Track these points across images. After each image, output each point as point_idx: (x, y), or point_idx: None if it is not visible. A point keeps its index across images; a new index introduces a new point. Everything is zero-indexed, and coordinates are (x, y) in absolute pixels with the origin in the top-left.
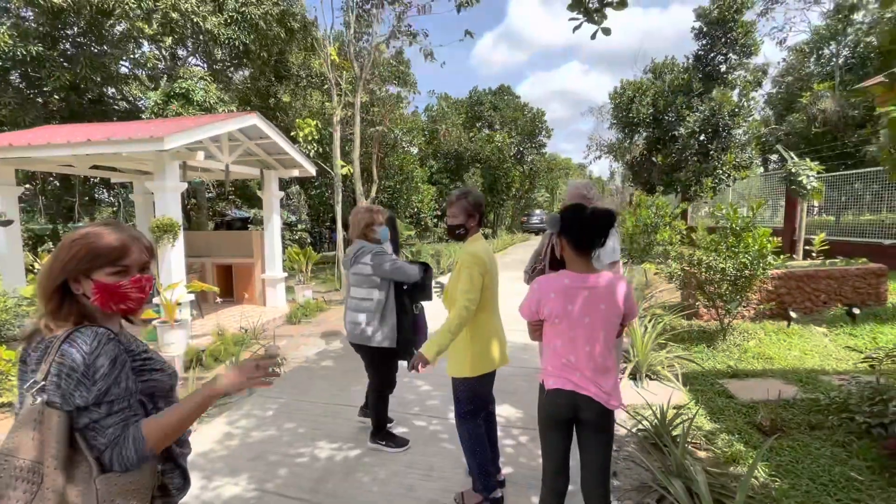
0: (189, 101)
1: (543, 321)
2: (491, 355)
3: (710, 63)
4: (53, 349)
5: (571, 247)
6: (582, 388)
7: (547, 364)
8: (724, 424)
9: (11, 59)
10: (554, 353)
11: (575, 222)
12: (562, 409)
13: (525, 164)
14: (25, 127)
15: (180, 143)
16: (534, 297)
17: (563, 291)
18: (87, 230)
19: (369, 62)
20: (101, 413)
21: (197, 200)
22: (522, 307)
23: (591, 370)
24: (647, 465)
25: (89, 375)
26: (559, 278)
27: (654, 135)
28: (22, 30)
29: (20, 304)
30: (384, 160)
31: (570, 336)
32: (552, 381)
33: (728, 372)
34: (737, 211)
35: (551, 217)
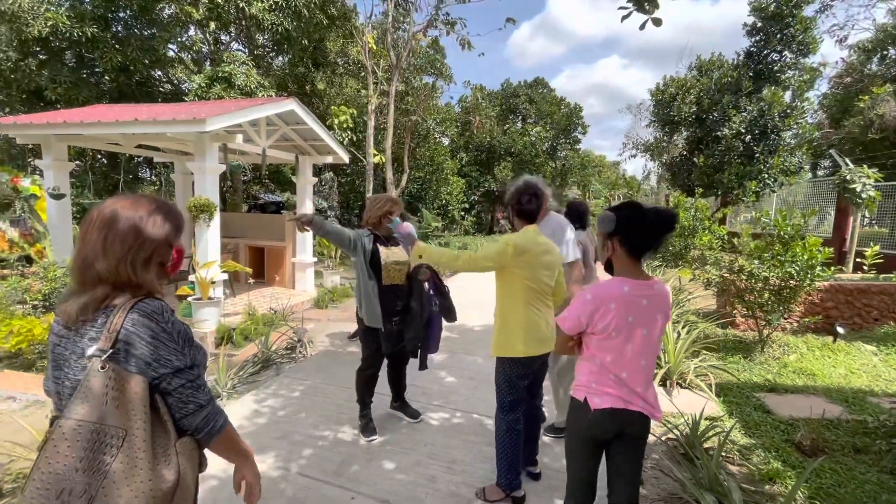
0: (230, 84)
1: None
2: (513, 342)
3: (763, 61)
4: (119, 317)
5: (626, 250)
6: (632, 404)
7: (590, 380)
8: (761, 440)
9: (68, 39)
10: (601, 368)
11: (633, 222)
12: (609, 429)
13: (558, 159)
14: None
15: (221, 126)
16: (586, 307)
17: (624, 301)
18: (154, 202)
19: (406, 51)
20: (194, 374)
21: (233, 183)
22: (566, 318)
23: (643, 385)
24: (676, 475)
25: (174, 338)
26: (617, 286)
27: (696, 134)
28: (78, 11)
29: (67, 274)
30: (415, 150)
31: (624, 350)
32: (599, 400)
33: (766, 385)
34: (785, 218)
35: (604, 216)
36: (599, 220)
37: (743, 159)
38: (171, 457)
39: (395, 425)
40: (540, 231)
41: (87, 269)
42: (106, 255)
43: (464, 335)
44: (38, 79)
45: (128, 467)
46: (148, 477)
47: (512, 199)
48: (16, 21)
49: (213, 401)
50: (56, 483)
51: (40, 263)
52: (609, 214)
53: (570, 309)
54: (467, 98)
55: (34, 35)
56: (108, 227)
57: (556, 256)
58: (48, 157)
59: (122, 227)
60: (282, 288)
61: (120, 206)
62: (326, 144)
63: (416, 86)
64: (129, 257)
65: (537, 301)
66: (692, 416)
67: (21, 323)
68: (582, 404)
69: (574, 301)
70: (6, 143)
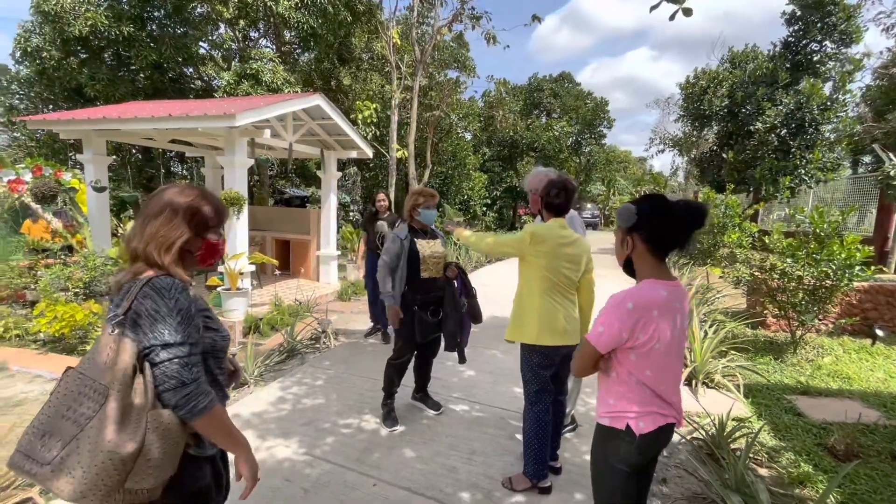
0: (258, 81)
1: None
2: (526, 329)
3: (801, 51)
4: (136, 288)
5: (649, 247)
6: (669, 416)
7: (629, 404)
8: (791, 443)
9: (106, 38)
10: (640, 386)
11: (658, 216)
12: (654, 450)
13: (582, 155)
14: (115, 102)
15: (250, 121)
16: (627, 318)
17: (666, 307)
18: (198, 194)
19: (430, 45)
20: (185, 351)
21: (260, 177)
22: (603, 334)
23: (677, 393)
24: (701, 475)
25: (173, 314)
26: (656, 290)
27: (727, 129)
28: (116, 11)
29: (106, 263)
30: (438, 145)
31: (663, 362)
32: (644, 424)
33: (797, 388)
34: (822, 214)
35: (623, 208)
36: (618, 214)
37: (777, 154)
38: (139, 427)
39: (416, 416)
40: (566, 225)
41: (128, 245)
42: (140, 235)
43: (484, 330)
44: (79, 76)
45: (98, 426)
46: (108, 438)
47: (542, 190)
48: (58, 21)
49: (199, 381)
50: (45, 424)
51: (81, 253)
52: (629, 207)
53: (605, 322)
54: (491, 93)
55: (75, 34)
56: (146, 210)
57: (582, 250)
58: (89, 152)
59: (156, 212)
60: (306, 280)
61: (163, 193)
62: (351, 139)
63: (439, 80)
64: (155, 240)
65: (556, 292)
66: (718, 417)
67: (64, 309)
68: (622, 432)
69: (609, 312)
70: (50, 139)
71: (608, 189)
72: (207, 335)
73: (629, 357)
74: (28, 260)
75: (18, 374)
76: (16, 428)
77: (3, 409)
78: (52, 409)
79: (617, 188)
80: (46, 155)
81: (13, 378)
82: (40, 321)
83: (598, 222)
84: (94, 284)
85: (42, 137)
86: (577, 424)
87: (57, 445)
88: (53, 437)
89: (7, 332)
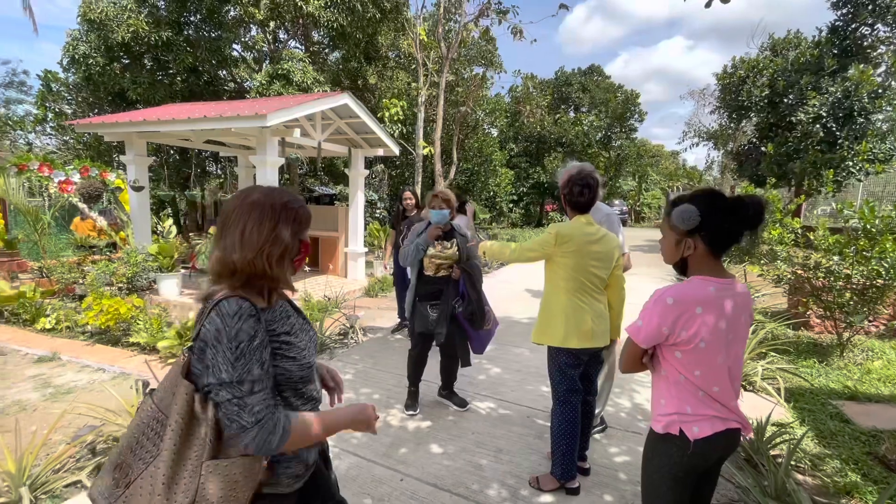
0: (289, 81)
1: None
2: (553, 331)
3: (850, 36)
4: (206, 311)
5: (710, 248)
6: (729, 421)
7: (681, 406)
8: (837, 451)
9: (146, 44)
10: (692, 388)
11: (724, 217)
12: (711, 457)
13: (612, 149)
14: (154, 105)
15: (280, 120)
16: (667, 313)
17: (713, 304)
18: (288, 195)
19: (457, 42)
20: (244, 391)
21: (290, 176)
22: (642, 329)
23: (735, 398)
24: (738, 481)
25: (232, 347)
26: (702, 286)
27: (768, 120)
28: (155, 18)
29: (147, 259)
30: (464, 142)
31: (714, 362)
32: (699, 428)
33: (844, 393)
34: (873, 209)
35: (684, 210)
36: (677, 216)
37: (822, 146)
38: (194, 476)
39: (442, 412)
40: (592, 221)
41: (225, 262)
42: (240, 246)
43: (510, 327)
44: (122, 81)
45: (153, 471)
46: (158, 493)
47: (564, 188)
48: (103, 29)
49: (263, 423)
50: (118, 455)
51: (124, 249)
52: (690, 209)
53: (645, 316)
54: (518, 88)
55: (118, 41)
56: (246, 218)
57: (611, 247)
58: (131, 153)
59: (257, 217)
60: (335, 276)
61: (254, 196)
62: (378, 137)
63: (465, 77)
64: (264, 249)
65: (583, 293)
66: (758, 421)
67: (109, 303)
68: (676, 437)
69: (650, 307)
70: (96, 141)
71: (639, 184)
72: (282, 365)
73: (675, 355)
74: (77, 256)
75: (69, 364)
76: (66, 414)
77: (56, 395)
78: (125, 439)
79: (649, 183)
80: (92, 157)
81: (64, 367)
82: (88, 314)
83: (627, 218)
84: (135, 279)
85: (89, 140)
86: (606, 425)
87: (123, 481)
88: (122, 471)
89: (59, 324)
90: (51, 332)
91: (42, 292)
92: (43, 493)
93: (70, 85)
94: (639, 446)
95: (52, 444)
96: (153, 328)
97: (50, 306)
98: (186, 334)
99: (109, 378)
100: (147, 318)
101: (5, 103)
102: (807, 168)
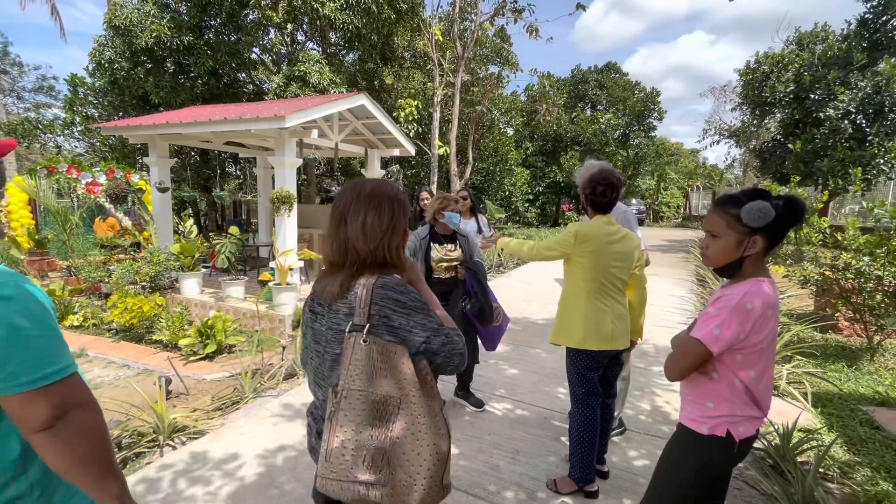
0: (306, 83)
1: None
2: (571, 332)
3: (881, 28)
4: (368, 293)
5: (769, 243)
6: (762, 420)
7: (732, 408)
8: (867, 458)
9: (169, 48)
10: (743, 389)
11: (789, 217)
12: (745, 456)
13: (630, 147)
14: (176, 108)
15: (298, 122)
16: (747, 320)
17: (776, 306)
18: (395, 187)
19: (472, 41)
20: (445, 331)
21: (308, 176)
22: (721, 336)
23: (770, 398)
24: (763, 488)
25: (422, 307)
26: (771, 288)
27: (793, 116)
28: (177, 22)
29: (169, 258)
30: (479, 141)
31: (766, 362)
32: (744, 429)
33: (875, 398)
34: None
35: (758, 207)
36: (750, 213)
37: (851, 143)
38: (441, 422)
39: (458, 413)
40: (613, 220)
41: (348, 250)
42: (363, 235)
43: (527, 328)
44: (145, 85)
45: (410, 433)
46: (431, 441)
47: (586, 188)
48: (128, 34)
49: (464, 344)
50: (357, 448)
51: (147, 249)
52: (765, 206)
53: (724, 321)
54: (534, 86)
55: (142, 46)
56: (366, 210)
57: (632, 247)
58: (154, 155)
59: (377, 208)
60: None
61: (374, 190)
62: (394, 137)
63: (481, 76)
64: (388, 239)
65: (604, 294)
66: (784, 426)
67: (133, 301)
68: (721, 439)
69: (728, 311)
70: (120, 144)
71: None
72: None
73: (735, 358)
74: (103, 255)
75: (96, 360)
76: None
77: None
78: (348, 433)
79: (668, 182)
80: (118, 159)
81: (91, 363)
82: (113, 312)
83: (645, 217)
84: (158, 278)
85: (114, 143)
86: (625, 428)
87: (383, 465)
88: (375, 458)
89: (86, 322)
90: (78, 329)
91: (70, 290)
92: None
93: (96, 89)
94: (659, 450)
95: None
96: (175, 326)
97: (78, 304)
98: (207, 332)
99: (134, 374)
100: (169, 316)
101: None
102: (835, 166)
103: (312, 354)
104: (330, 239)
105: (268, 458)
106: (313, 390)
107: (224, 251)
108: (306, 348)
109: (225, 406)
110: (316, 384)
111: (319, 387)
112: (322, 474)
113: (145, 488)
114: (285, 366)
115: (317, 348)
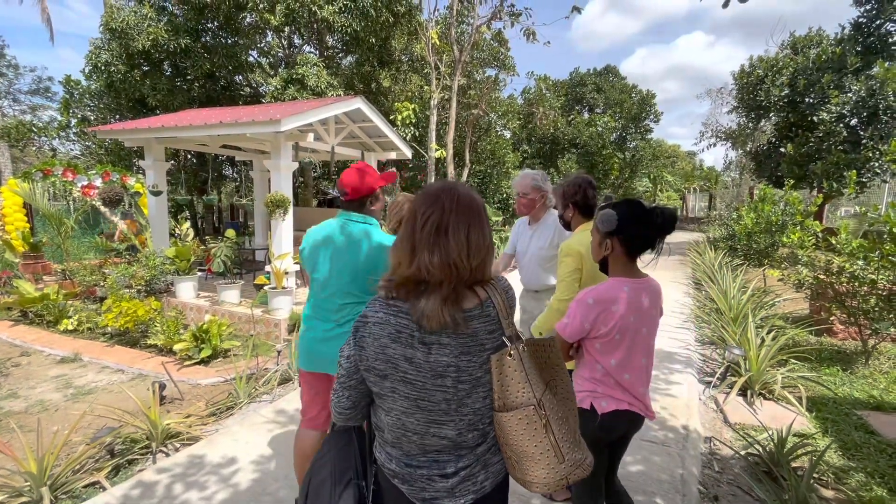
0: (303, 86)
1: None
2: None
3: (874, 32)
4: (503, 300)
5: (625, 250)
6: (636, 406)
7: (594, 386)
8: (862, 463)
9: (165, 51)
10: (604, 373)
11: (636, 223)
12: (618, 430)
13: (627, 150)
14: (173, 111)
15: (294, 125)
16: (588, 312)
17: (627, 301)
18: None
19: (469, 44)
20: None
21: (304, 179)
22: (567, 325)
23: (644, 385)
24: (757, 494)
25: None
26: (618, 287)
27: (788, 120)
28: (174, 25)
29: (164, 262)
30: (476, 144)
31: (628, 352)
32: (606, 403)
33: (870, 402)
34: None
35: (605, 214)
36: (599, 219)
37: (845, 146)
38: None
39: None
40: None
41: (450, 266)
42: (471, 253)
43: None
44: (142, 88)
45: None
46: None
47: (576, 193)
48: (124, 37)
49: None
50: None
51: (143, 252)
52: (610, 213)
53: (570, 315)
54: (531, 89)
55: (138, 49)
56: (469, 222)
57: None
58: (149, 158)
59: (482, 223)
60: None
61: (470, 201)
62: (390, 140)
63: (478, 79)
64: (489, 257)
65: None
66: (777, 431)
67: (128, 305)
68: (588, 411)
69: (574, 306)
70: (116, 147)
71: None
72: None
73: (595, 346)
74: (98, 259)
75: (90, 365)
76: (86, 415)
77: (77, 396)
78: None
79: (665, 184)
80: (114, 162)
81: (85, 368)
82: (108, 316)
83: None
84: (153, 282)
85: (110, 146)
86: None
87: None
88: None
89: (81, 326)
90: (73, 333)
91: (65, 294)
92: (63, 493)
93: (92, 92)
94: (654, 455)
95: (72, 445)
96: (170, 330)
97: (72, 308)
98: (202, 337)
99: (128, 379)
100: (164, 320)
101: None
102: (829, 169)
103: (420, 395)
104: (422, 251)
105: (262, 465)
106: (406, 441)
107: (220, 255)
108: (393, 392)
109: (219, 411)
110: (425, 427)
111: (441, 425)
112: (563, 476)
113: (139, 493)
114: (280, 370)
115: (437, 383)
